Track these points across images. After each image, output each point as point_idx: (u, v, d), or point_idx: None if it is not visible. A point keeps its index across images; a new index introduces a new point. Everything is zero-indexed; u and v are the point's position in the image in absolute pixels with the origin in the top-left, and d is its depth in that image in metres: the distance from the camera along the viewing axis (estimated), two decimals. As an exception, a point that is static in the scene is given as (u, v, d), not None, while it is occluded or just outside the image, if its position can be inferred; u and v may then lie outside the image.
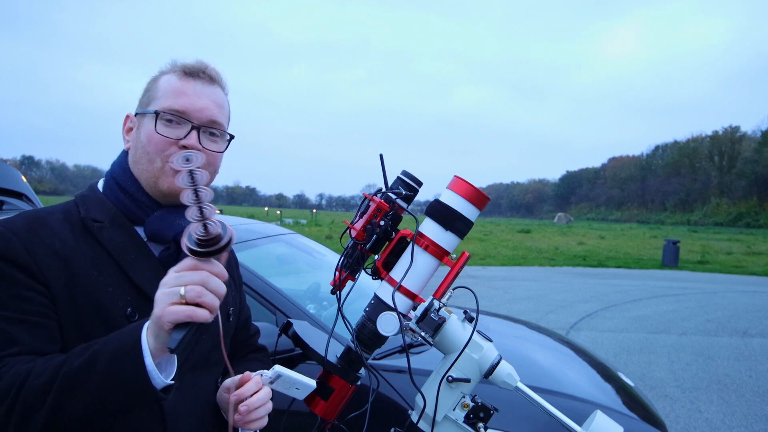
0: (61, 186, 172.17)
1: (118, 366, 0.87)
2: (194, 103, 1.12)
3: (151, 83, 1.17)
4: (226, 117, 1.20)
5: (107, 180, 1.17)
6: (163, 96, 1.12)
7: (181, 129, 1.11)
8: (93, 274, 1.03)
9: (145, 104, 1.15)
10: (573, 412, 1.27)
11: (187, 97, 1.12)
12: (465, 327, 1.20)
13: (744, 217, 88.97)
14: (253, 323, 1.50)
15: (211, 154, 1.15)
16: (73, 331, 1.00)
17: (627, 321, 8.52)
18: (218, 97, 1.17)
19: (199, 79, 1.15)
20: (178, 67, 1.16)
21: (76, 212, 1.10)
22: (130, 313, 1.03)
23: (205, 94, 1.14)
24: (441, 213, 1.19)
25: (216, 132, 1.16)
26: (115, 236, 1.08)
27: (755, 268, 18.32)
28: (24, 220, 1.04)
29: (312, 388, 1.09)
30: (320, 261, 3.51)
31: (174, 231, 1.11)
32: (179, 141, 1.10)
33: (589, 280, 14.03)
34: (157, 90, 1.14)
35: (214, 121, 1.14)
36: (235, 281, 1.37)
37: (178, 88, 1.13)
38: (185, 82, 1.14)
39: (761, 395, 5.25)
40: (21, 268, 0.98)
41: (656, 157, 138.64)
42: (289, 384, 1.08)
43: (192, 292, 0.85)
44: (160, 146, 1.10)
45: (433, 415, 1.16)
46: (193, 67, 1.15)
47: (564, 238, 32.94)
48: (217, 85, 1.18)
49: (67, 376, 0.88)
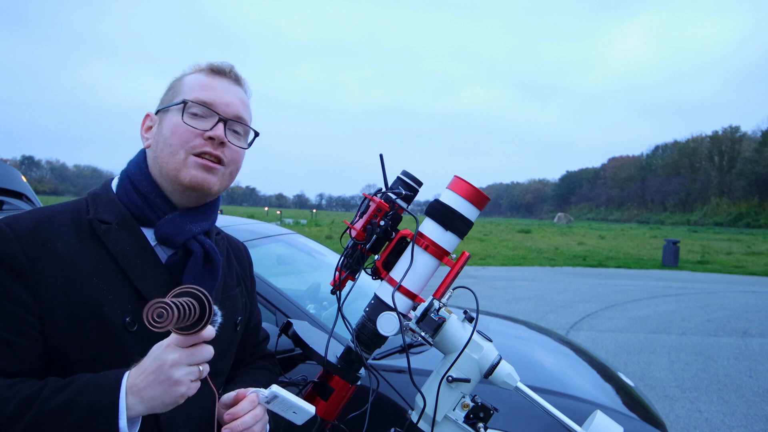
0: (61, 186, 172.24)
1: (91, 422, 0.88)
2: (222, 97, 1.13)
3: (175, 82, 1.17)
4: (249, 117, 1.20)
5: (121, 179, 1.15)
6: (190, 90, 1.12)
7: (206, 122, 1.11)
8: (93, 280, 1.01)
9: (169, 101, 1.15)
10: (573, 412, 1.27)
11: (215, 90, 1.13)
12: (465, 327, 1.20)
13: (744, 217, 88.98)
14: (263, 328, 1.46)
15: (235, 150, 1.15)
16: (68, 337, 0.98)
17: (627, 321, 8.52)
18: (243, 96, 1.18)
19: (225, 77, 1.16)
20: (205, 66, 1.17)
21: (85, 212, 1.08)
22: (129, 321, 1.01)
23: (232, 91, 1.16)
24: (441, 213, 1.19)
25: (239, 130, 1.17)
26: (121, 239, 1.06)
27: (755, 268, 18.32)
28: (30, 220, 1.03)
29: (310, 414, 1.06)
30: (320, 261, 3.51)
31: (185, 236, 1.10)
32: (205, 132, 1.10)
33: (589, 280, 14.03)
34: (182, 86, 1.14)
35: (240, 116, 1.15)
36: (247, 287, 1.34)
37: (206, 83, 1.13)
38: (212, 78, 1.15)
39: (761, 395, 5.25)
40: (13, 271, 0.96)
41: (656, 157, 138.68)
42: (286, 406, 1.05)
43: (205, 369, 0.94)
44: (185, 137, 1.09)
45: (433, 415, 1.16)
46: (220, 66, 1.17)
47: (564, 238, 32.94)
48: (241, 86, 1.19)
49: (38, 416, 0.88)
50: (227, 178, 1.16)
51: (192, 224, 1.12)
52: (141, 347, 1.01)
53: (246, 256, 1.39)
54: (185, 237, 1.10)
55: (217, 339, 1.10)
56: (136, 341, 1.01)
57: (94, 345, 0.99)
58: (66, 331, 0.98)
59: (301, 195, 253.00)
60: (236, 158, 1.16)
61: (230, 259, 1.30)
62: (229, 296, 1.22)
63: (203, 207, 1.17)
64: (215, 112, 1.11)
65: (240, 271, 1.32)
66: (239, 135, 1.17)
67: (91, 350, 0.99)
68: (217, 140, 1.10)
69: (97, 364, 0.98)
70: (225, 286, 1.22)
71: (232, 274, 1.28)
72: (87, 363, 0.99)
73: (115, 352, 1.00)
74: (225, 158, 1.12)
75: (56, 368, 0.99)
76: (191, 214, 1.13)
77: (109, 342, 0.99)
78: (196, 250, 1.11)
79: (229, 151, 1.13)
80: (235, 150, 1.15)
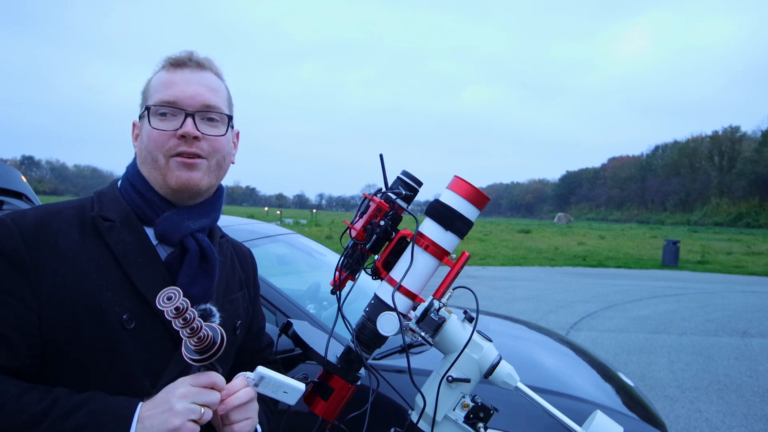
0: (61, 186, 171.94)
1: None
2: (184, 90, 1.10)
3: (145, 86, 1.16)
4: (224, 100, 1.17)
5: (123, 179, 1.16)
6: (154, 92, 1.11)
7: (175, 120, 1.09)
8: (93, 277, 1.01)
9: (142, 107, 1.15)
10: (573, 412, 1.27)
11: (177, 86, 1.10)
12: (465, 327, 1.19)
13: (744, 217, 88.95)
14: (267, 334, 1.43)
15: (214, 139, 1.12)
16: (64, 333, 0.98)
17: (627, 321, 8.52)
18: (209, 81, 1.15)
19: (186, 68, 1.13)
20: (165, 61, 1.15)
21: (90, 210, 1.08)
22: (126, 319, 1.01)
23: (195, 81, 1.12)
24: (441, 213, 1.19)
25: (214, 117, 1.13)
26: (123, 237, 1.07)
27: (755, 268, 18.32)
28: (35, 215, 1.03)
29: (301, 391, 1.06)
30: (320, 261, 3.51)
31: (181, 233, 1.10)
32: (176, 132, 1.08)
33: (589, 280, 14.03)
34: (149, 89, 1.14)
35: (208, 105, 1.12)
36: (249, 291, 1.33)
37: (167, 80, 1.11)
38: (173, 74, 1.12)
39: (761, 395, 5.24)
40: (14, 265, 0.97)
41: (656, 157, 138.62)
42: (275, 387, 1.04)
43: (207, 414, 0.93)
44: (159, 141, 1.09)
45: (433, 415, 1.16)
46: (179, 57, 1.14)
47: (564, 238, 32.94)
48: (207, 70, 1.16)
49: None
50: (214, 170, 1.15)
51: (189, 221, 1.12)
52: (137, 346, 1.02)
53: (251, 262, 1.39)
54: (182, 234, 1.10)
55: None
56: (132, 339, 1.01)
57: (90, 342, 0.99)
58: (62, 328, 0.98)
59: (301, 195, 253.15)
60: (217, 147, 1.14)
61: (234, 263, 1.30)
62: (229, 299, 1.22)
63: (202, 204, 1.16)
64: (181, 109, 1.09)
65: (243, 276, 1.32)
66: (215, 122, 1.13)
67: (86, 348, 0.99)
68: (189, 136, 1.08)
69: (92, 363, 0.99)
70: (226, 289, 1.22)
71: (234, 278, 1.28)
72: (81, 361, 0.99)
73: (110, 350, 1.00)
74: (203, 152, 1.11)
75: (50, 366, 0.99)
76: (189, 212, 1.13)
77: (105, 340, 0.99)
78: (191, 247, 1.11)
79: (205, 143, 1.11)
80: (213, 139, 1.12)
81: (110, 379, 1.00)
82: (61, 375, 0.99)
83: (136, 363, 1.01)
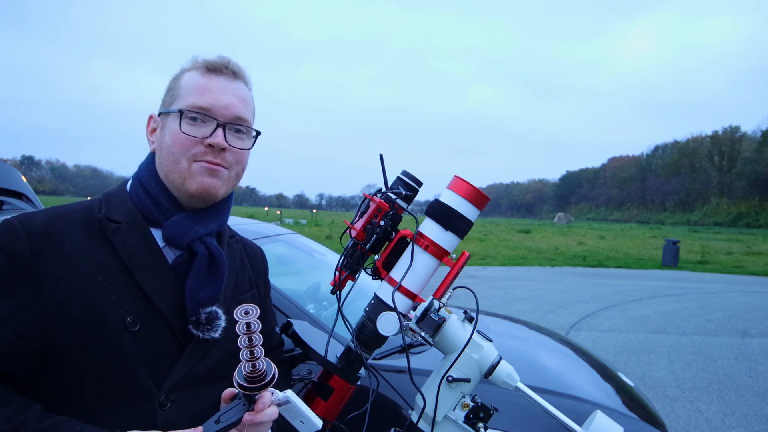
0: (61, 186, 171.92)
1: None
2: (219, 99, 1.09)
3: (173, 81, 1.14)
4: (251, 113, 1.17)
5: (133, 180, 1.15)
6: (187, 94, 1.10)
7: (206, 127, 1.09)
8: (98, 279, 1.01)
9: (168, 103, 1.13)
10: (573, 412, 1.27)
11: (212, 93, 1.09)
12: (465, 327, 1.20)
13: (744, 217, 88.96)
14: (277, 334, 1.40)
15: (237, 152, 1.13)
16: (65, 337, 0.97)
17: (627, 321, 8.52)
18: (243, 92, 1.14)
19: (222, 75, 1.12)
20: (201, 64, 1.12)
21: (97, 211, 1.07)
22: (130, 321, 1.00)
23: (230, 90, 1.11)
24: (441, 213, 1.19)
25: (242, 129, 1.13)
26: (130, 239, 1.06)
27: (755, 268, 18.32)
28: (43, 218, 1.03)
29: (316, 428, 1.04)
30: (320, 261, 3.50)
31: (190, 238, 1.09)
32: (205, 140, 1.08)
33: (589, 280, 14.03)
34: (180, 88, 1.12)
35: (240, 117, 1.11)
36: (260, 290, 1.32)
37: (202, 85, 1.10)
38: (208, 79, 1.11)
39: (761, 395, 5.24)
40: (18, 268, 0.97)
41: (656, 157, 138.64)
42: (295, 414, 1.04)
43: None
44: (186, 146, 1.08)
45: (433, 415, 1.16)
46: (216, 63, 1.12)
47: (564, 238, 32.94)
48: (240, 80, 1.15)
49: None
50: (233, 180, 1.15)
51: (198, 226, 1.11)
52: (141, 347, 1.01)
53: (261, 261, 1.37)
54: (190, 238, 1.10)
55: (221, 342, 1.09)
56: (135, 342, 1.01)
57: (91, 346, 0.98)
58: (63, 331, 0.97)
59: (301, 195, 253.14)
60: (240, 159, 1.14)
61: (244, 262, 1.29)
62: (238, 300, 1.21)
63: (211, 208, 1.16)
64: (213, 118, 1.09)
65: (253, 276, 1.31)
66: (242, 134, 1.14)
67: (87, 351, 0.98)
68: (217, 147, 1.08)
69: (93, 364, 0.98)
70: (236, 289, 1.21)
71: (244, 278, 1.27)
72: (82, 362, 0.98)
73: (111, 353, 0.99)
74: (226, 163, 1.11)
75: (46, 370, 0.98)
76: (198, 216, 1.12)
77: (107, 342, 0.99)
78: (200, 252, 1.10)
79: (231, 154, 1.11)
80: (238, 152, 1.13)
81: (112, 380, 0.99)
82: (62, 375, 0.98)
83: (140, 364, 1.01)
